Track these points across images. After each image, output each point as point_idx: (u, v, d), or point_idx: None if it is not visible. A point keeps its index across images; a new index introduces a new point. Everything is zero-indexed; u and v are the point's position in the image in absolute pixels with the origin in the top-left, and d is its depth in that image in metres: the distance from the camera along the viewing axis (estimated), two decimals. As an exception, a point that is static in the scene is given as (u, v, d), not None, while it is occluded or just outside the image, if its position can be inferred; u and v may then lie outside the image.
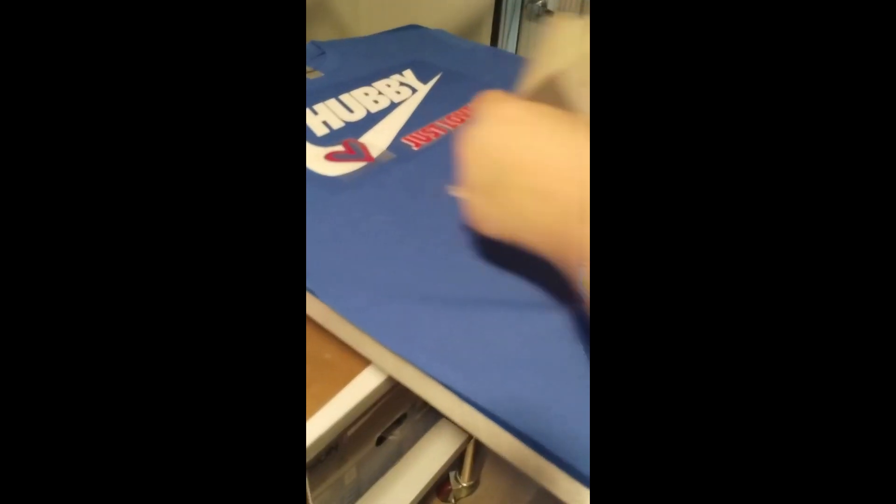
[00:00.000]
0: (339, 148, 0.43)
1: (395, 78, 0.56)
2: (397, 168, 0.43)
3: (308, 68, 0.58)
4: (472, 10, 1.17)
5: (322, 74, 0.56)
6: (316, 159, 0.41)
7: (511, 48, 1.22)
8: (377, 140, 0.44)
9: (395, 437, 0.65)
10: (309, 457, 0.35)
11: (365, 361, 0.36)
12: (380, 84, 0.54)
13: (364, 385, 0.36)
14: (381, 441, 0.62)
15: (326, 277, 0.34)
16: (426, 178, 0.42)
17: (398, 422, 0.64)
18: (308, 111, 0.48)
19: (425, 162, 0.43)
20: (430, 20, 0.85)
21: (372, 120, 0.47)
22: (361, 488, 0.65)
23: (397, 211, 0.38)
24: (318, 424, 0.33)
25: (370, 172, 0.41)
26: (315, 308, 0.34)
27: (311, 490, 0.47)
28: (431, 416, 0.71)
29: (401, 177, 0.42)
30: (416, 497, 0.67)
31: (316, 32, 1.57)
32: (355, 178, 0.40)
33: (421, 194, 0.40)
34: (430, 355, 0.30)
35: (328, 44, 0.63)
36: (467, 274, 0.35)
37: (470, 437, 0.75)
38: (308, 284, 0.34)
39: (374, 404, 0.39)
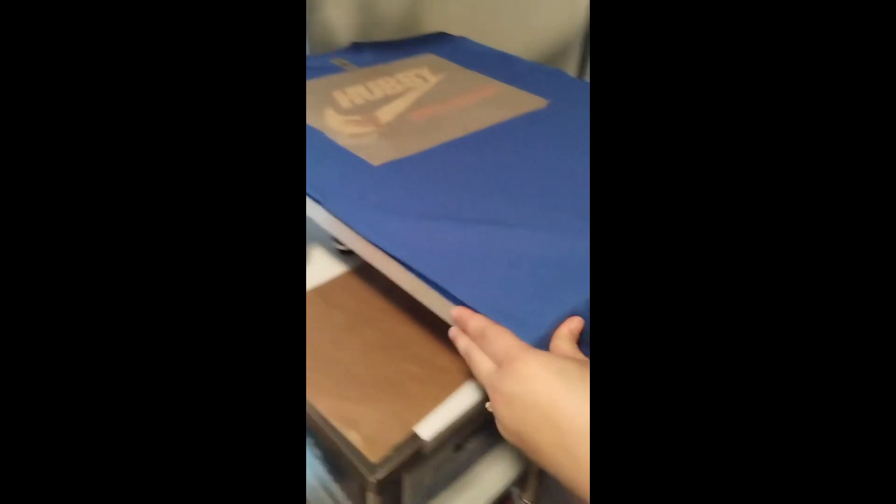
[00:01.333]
0: (357, 117, 0.54)
1: (413, 70, 0.66)
2: (401, 132, 0.52)
3: (344, 61, 0.70)
4: (560, 38, 1.19)
5: (355, 66, 0.68)
6: (340, 124, 0.53)
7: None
8: (387, 114, 0.55)
9: (471, 445, 0.67)
10: (417, 451, 0.38)
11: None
12: (399, 75, 0.64)
13: (473, 393, 0.39)
14: (458, 448, 0.65)
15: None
16: (423, 137, 0.51)
17: (475, 431, 0.66)
18: (339, 91, 0.59)
19: (424, 129, 0.53)
20: (514, 46, 0.87)
21: (386, 100, 0.58)
22: (433, 491, 0.67)
23: (396, 161, 0.47)
24: (434, 422, 0.36)
25: (379, 134, 0.51)
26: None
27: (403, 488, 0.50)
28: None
29: (404, 137, 0.51)
30: (482, 508, 0.69)
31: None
32: (367, 139, 0.51)
33: (420, 145, 0.49)
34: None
35: (366, 44, 0.75)
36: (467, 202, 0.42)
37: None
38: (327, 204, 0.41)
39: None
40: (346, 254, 0.51)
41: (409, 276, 0.36)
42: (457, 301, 0.34)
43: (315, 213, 0.43)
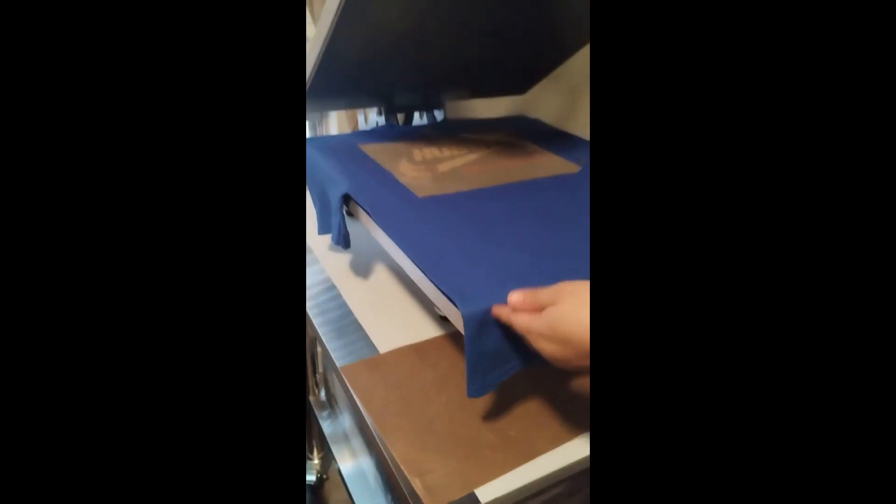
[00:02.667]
0: (422, 167, 0.65)
1: (484, 139, 0.76)
2: (449, 178, 0.62)
3: (430, 129, 0.80)
4: None
5: (437, 133, 0.78)
6: (407, 169, 0.63)
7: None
8: (445, 167, 0.66)
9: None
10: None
11: (547, 446, 0.40)
12: (471, 143, 0.74)
13: (535, 470, 0.39)
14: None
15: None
16: (463, 183, 0.61)
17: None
18: (417, 149, 0.70)
19: (467, 178, 0.62)
20: None
21: (451, 158, 0.68)
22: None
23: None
24: (495, 488, 0.36)
25: (432, 178, 0.62)
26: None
27: None
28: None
29: (448, 181, 0.60)
30: None
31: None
32: (421, 181, 0.61)
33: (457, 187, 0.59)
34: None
35: (456, 119, 0.89)
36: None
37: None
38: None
39: (541, 491, 0.41)
40: (444, 319, 0.55)
41: (416, 270, 0.44)
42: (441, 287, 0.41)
43: (374, 230, 0.52)
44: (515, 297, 0.36)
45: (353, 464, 0.85)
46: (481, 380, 0.38)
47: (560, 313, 0.33)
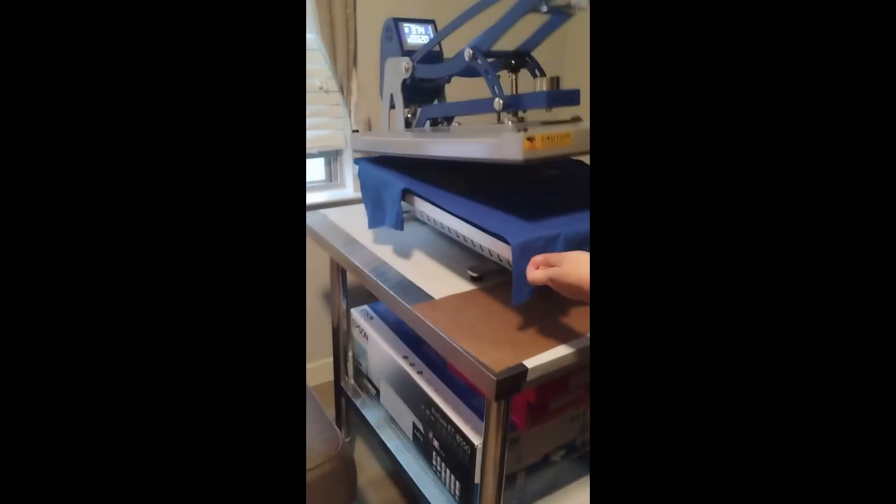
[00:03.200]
0: None
1: None
2: None
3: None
4: None
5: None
6: None
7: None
8: None
9: (557, 460, 0.81)
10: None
11: (560, 342, 0.60)
12: None
13: (559, 351, 0.59)
14: (546, 459, 0.80)
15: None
16: None
17: (562, 448, 0.81)
18: None
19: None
20: None
21: None
22: (524, 500, 0.81)
23: None
24: (534, 361, 0.56)
25: None
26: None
27: (504, 467, 0.67)
28: (586, 465, 0.86)
29: None
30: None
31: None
32: None
33: None
34: None
35: None
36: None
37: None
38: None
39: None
40: (475, 279, 0.75)
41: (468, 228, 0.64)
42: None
43: (427, 209, 0.70)
44: (536, 258, 0.58)
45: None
46: (520, 291, 0.58)
47: (562, 272, 0.54)
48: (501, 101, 0.69)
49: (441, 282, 0.75)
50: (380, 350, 0.96)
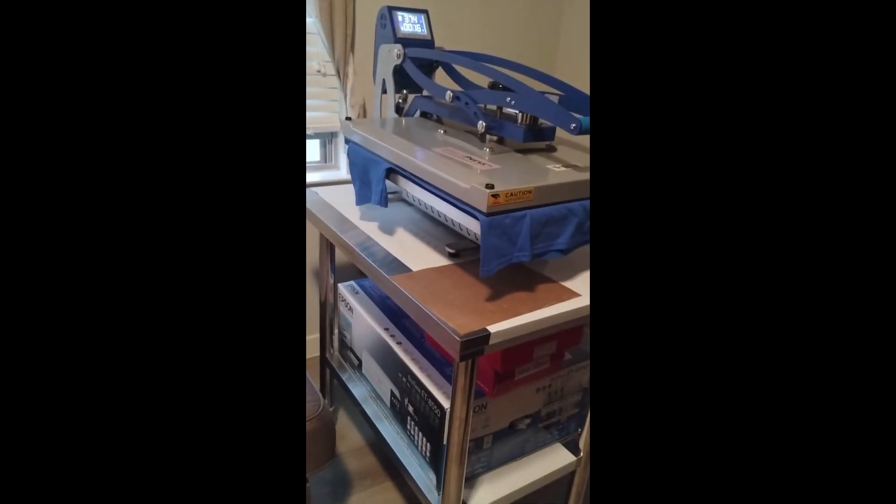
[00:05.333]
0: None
1: None
2: None
3: None
4: None
5: None
6: None
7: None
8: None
9: (522, 428, 0.87)
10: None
11: (526, 310, 0.66)
12: None
13: (523, 319, 0.64)
14: (512, 426, 0.86)
15: None
16: None
17: (527, 417, 0.87)
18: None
19: None
20: None
21: None
22: (490, 464, 0.87)
23: None
24: (496, 327, 0.62)
25: None
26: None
27: (469, 428, 0.73)
28: (551, 435, 0.92)
29: None
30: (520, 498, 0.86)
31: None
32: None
33: None
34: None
35: None
36: None
37: (579, 461, 0.92)
38: None
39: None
40: (453, 255, 0.81)
41: (445, 205, 0.68)
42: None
43: (412, 189, 0.75)
44: None
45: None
46: (488, 264, 0.64)
47: None
48: (484, 125, 0.81)
49: (421, 258, 0.80)
50: (363, 322, 1.01)
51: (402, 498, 1.08)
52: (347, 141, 0.97)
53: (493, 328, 0.62)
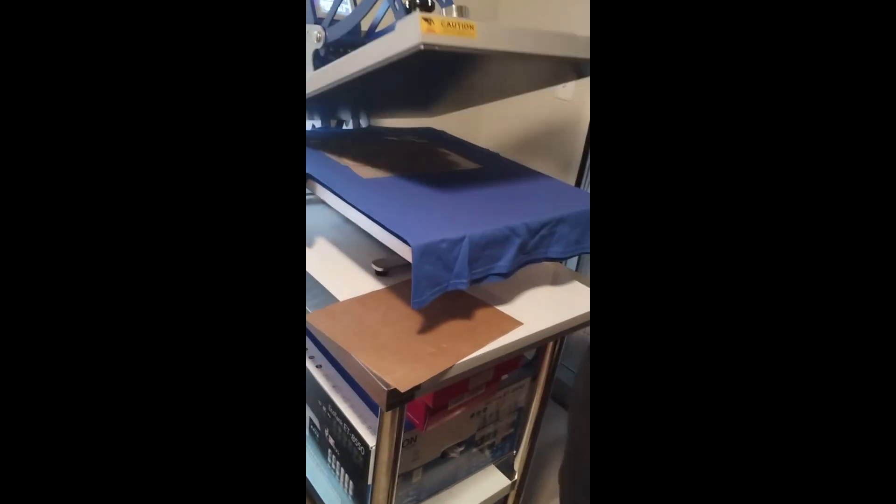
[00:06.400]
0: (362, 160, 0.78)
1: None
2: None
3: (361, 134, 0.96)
4: (564, 155, 1.44)
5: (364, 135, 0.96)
6: (349, 163, 0.78)
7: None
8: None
9: (455, 456, 0.81)
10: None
11: (470, 350, 0.58)
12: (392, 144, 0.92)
13: (468, 362, 0.57)
14: (444, 455, 0.79)
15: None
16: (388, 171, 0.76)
17: (461, 444, 0.81)
18: (356, 146, 0.85)
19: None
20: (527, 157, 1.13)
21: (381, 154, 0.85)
22: (420, 497, 0.80)
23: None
24: (428, 380, 0.54)
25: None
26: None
27: (398, 468, 0.65)
28: (484, 457, 0.87)
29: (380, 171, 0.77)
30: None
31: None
32: (360, 169, 0.77)
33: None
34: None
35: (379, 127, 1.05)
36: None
37: (513, 484, 0.88)
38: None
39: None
40: (380, 274, 0.71)
41: (371, 224, 0.60)
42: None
43: (333, 201, 0.66)
44: None
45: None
46: (421, 295, 0.55)
47: None
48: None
49: (345, 278, 0.70)
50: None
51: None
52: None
53: (432, 375, 0.54)
